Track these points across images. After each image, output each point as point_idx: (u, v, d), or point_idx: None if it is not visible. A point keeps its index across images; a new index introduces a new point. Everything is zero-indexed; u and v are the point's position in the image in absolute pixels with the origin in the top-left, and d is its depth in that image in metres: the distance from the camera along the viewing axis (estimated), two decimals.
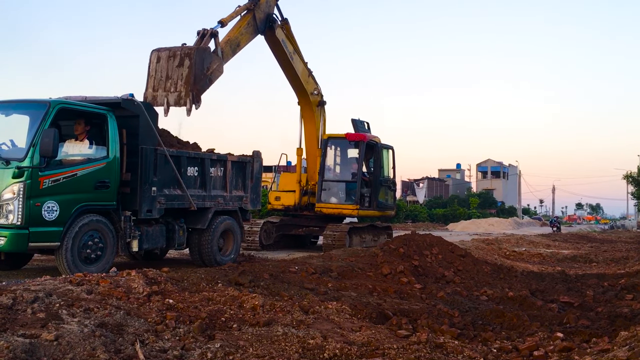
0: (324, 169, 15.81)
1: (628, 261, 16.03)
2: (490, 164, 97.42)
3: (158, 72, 9.48)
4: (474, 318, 7.02)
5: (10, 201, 7.80)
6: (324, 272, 9.20)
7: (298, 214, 16.11)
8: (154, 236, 9.75)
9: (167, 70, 9.59)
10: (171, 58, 9.58)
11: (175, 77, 9.63)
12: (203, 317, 5.52)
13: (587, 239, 29.05)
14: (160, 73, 9.48)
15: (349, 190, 15.81)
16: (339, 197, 15.86)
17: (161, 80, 9.53)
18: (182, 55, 9.69)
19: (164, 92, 9.56)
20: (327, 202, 15.73)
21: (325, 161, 15.85)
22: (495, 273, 11.16)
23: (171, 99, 9.63)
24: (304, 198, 15.99)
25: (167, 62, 9.58)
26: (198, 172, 10.54)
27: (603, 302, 8.44)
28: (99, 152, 8.91)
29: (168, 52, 9.59)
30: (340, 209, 15.74)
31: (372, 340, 5.31)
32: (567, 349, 5.20)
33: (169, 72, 9.59)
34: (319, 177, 15.67)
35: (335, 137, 16.12)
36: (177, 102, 9.73)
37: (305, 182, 16.16)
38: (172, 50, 9.65)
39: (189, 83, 9.79)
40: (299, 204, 15.95)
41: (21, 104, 8.92)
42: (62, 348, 4.24)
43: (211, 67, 10.45)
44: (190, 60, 9.79)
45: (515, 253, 17.97)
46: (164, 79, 9.55)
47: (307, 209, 15.99)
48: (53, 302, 5.14)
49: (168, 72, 9.59)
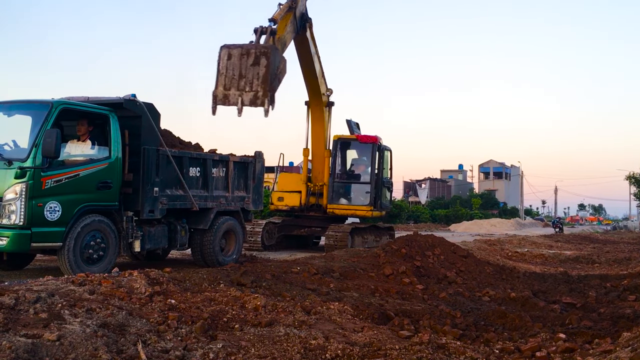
0: (335, 170, 15.87)
1: (631, 262, 15.99)
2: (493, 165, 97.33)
3: (230, 70, 8.92)
4: (476, 319, 7.01)
5: (12, 201, 7.81)
6: (326, 272, 9.19)
7: (304, 214, 16.08)
8: (156, 236, 9.75)
9: (240, 68, 9.07)
10: (244, 56, 8.98)
11: (251, 76, 9.07)
12: (205, 317, 5.52)
13: (590, 239, 29.01)
14: (232, 71, 8.95)
15: (362, 192, 15.96)
16: (353, 199, 16.03)
17: (233, 79, 8.99)
18: (258, 53, 9.11)
19: (238, 92, 9.04)
20: (340, 203, 15.87)
21: (336, 162, 15.89)
22: (497, 274, 11.15)
23: (246, 99, 9.12)
24: (310, 199, 15.98)
25: (240, 59, 8.97)
26: (200, 172, 10.54)
27: (605, 303, 8.43)
28: (101, 152, 8.91)
29: (240, 49, 8.99)
30: (354, 210, 15.94)
31: (374, 340, 5.31)
32: (570, 349, 5.19)
33: (243, 70, 9.04)
34: (330, 178, 15.73)
35: (345, 138, 16.19)
36: (252, 102, 9.24)
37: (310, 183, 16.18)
38: (245, 47, 9.04)
39: (267, 83, 9.33)
40: (307, 204, 15.94)
41: (23, 105, 8.93)
42: (64, 348, 4.24)
43: (280, 67, 10.14)
44: (267, 59, 9.27)
45: (517, 254, 17.94)
46: (237, 77, 9.01)
47: (312, 210, 15.99)
48: (55, 303, 5.14)
49: (241, 71, 9.05)
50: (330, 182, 15.75)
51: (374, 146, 15.91)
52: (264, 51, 9.28)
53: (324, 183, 15.81)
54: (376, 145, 15.92)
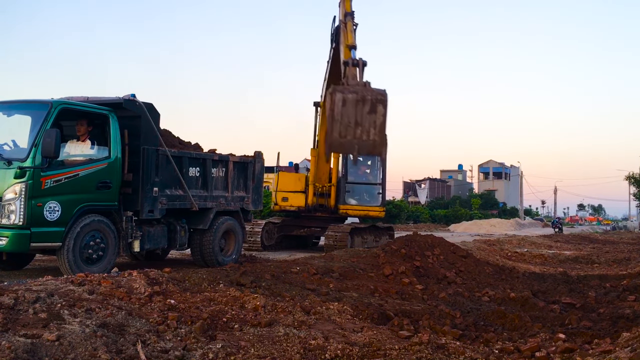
0: (347, 171, 15.93)
1: (630, 262, 15.99)
2: (492, 165, 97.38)
3: (345, 117, 8.84)
4: (476, 319, 7.01)
5: (12, 201, 7.81)
6: (325, 272, 9.19)
7: (311, 215, 16.07)
8: (156, 236, 9.75)
9: (355, 116, 9.02)
10: (360, 103, 8.93)
11: (367, 124, 9.02)
12: (205, 317, 5.52)
13: (589, 240, 29.01)
14: (347, 118, 8.89)
15: (374, 193, 16.20)
16: (364, 199, 16.20)
17: (349, 127, 8.89)
18: (374, 101, 9.02)
19: (355, 140, 8.99)
20: (351, 204, 15.95)
21: (346, 163, 15.93)
22: (497, 274, 11.15)
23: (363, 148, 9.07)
24: (315, 199, 15.98)
25: (356, 107, 8.82)
26: (200, 172, 10.54)
27: (605, 303, 8.43)
28: (101, 152, 8.91)
29: (356, 95, 8.83)
30: (366, 211, 16.12)
31: (373, 341, 5.30)
32: (569, 350, 5.19)
33: (359, 118, 8.96)
34: (341, 179, 15.80)
35: None
36: (370, 151, 9.19)
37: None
38: (360, 93, 8.90)
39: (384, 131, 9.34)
40: (316, 204, 15.93)
41: (23, 105, 8.93)
42: (64, 348, 4.24)
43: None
44: (384, 107, 9.27)
45: (517, 254, 17.94)
46: (353, 125, 8.96)
47: (319, 210, 15.99)
48: (55, 303, 5.14)
49: (357, 118, 8.99)
50: (342, 182, 15.80)
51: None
52: (380, 99, 9.11)
53: (332, 184, 15.81)
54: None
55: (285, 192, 16.15)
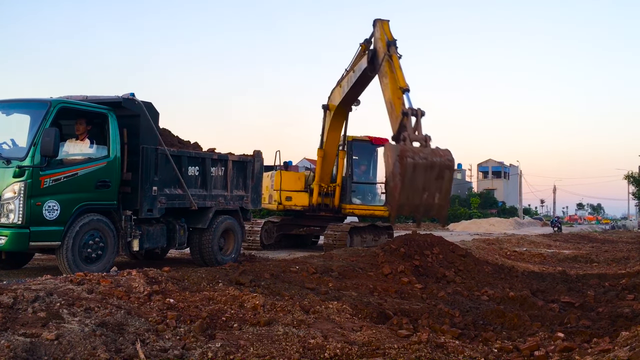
0: (352, 171, 16.03)
1: (629, 261, 16.00)
2: (491, 164, 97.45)
3: (414, 183, 8.90)
4: (475, 318, 7.02)
5: (11, 200, 7.80)
6: (324, 271, 9.19)
7: (316, 214, 16.09)
8: (155, 236, 9.75)
9: (424, 181, 8.99)
10: (429, 169, 8.98)
11: (434, 189, 9.06)
12: (204, 316, 5.52)
13: (588, 239, 29.01)
14: (416, 184, 8.95)
15: (378, 192, 16.50)
16: (369, 199, 16.47)
17: (416, 192, 8.96)
18: (442, 167, 9.14)
19: (422, 204, 9.01)
20: (356, 203, 16.09)
21: (351, 163, 16.03)
22: (496, 273, 11.15)
23: (429, 211, 9.15)
24: (320, 199, 15.99)
25: (425, 173, 8.98)
26: (199, 171, 10.54)
27: (604, 302, 8.44)
28: (100, 151, 8.91)
29: (425, 162, 8.93)
30: (372, 210, 16.32)
31: (372, 340, 5.31)
32: (568, 349, 5.19)
33: (427, 183, 9.03)
34: (347, 179, 15.89)
35: (358, 139, 16.33)
36: (434, 214, 9.29)
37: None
38: (429, 159, 8.97)
39: (448, 196, 9.45)
40: (322, 204, 15.95)
41: (22, 104, 8.92)
42: (63, 347, 4.24)
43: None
44: (451, 173, 9.40)
45: (516, 253, 17.95)
46: (420, 190, 8.99)
47: (322, 210, 16.02)
48: (54, 302, 5.14)
49: (425, 184, 9.02)
50: (348, 182, 15.89)
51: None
52: (448, 165, 9.32)
53: (337, 184, 15.85)
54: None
55: (289, 192, 16.11)
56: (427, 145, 9.45)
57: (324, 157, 15.68)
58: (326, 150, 15.56)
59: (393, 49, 11.33)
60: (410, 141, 9.41)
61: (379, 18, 11.91)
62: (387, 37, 11.53)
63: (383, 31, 11.67)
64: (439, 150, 9.43)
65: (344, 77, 13.96)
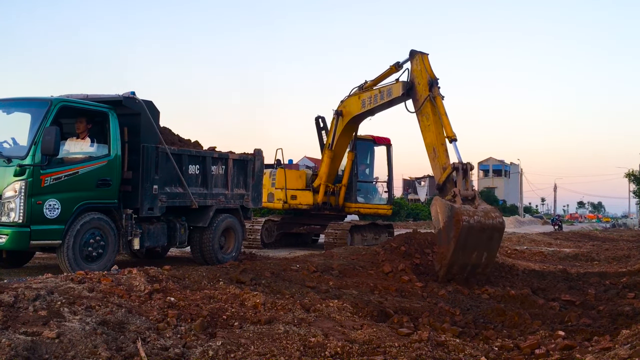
0: (357, 170, 16.17)
1: (630, 259, 15.98)
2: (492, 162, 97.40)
3: (466, 244, 9.12)
4: (476, 316, 7.02)
5: (11, 199, 7.81)
6: (325, 270, 9.19)
7: (319, 213, 16.11)
8: (156, 234, 9.75)
9: (476, 243, 9.21)
10: (481, 231, 9.21)
11: (483, 249, 9.33)
12: (204, 315, 5.52)
13: (589, 237, 28.98)
14: (468, 245, 9.13)
15: (382, 191, 16.95)
16: (373, 198, 16.79)
17: (467, 252, 9.20)
18: (494, 229, 9.38)
19: (470, 263, 9.31)
20: (360, 202, 16.28)
21: (357, 162, 16.16)
22: (496, 271, 11.14)
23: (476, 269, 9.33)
24: (325, 198, 16.00)
25: (478, 236, 9.22)
26: (199, 170, 10.54)
27: (605, 300, 8.44)
28: (101, 150, 8.91)
29: (480, 225, 9.17)
30: (375, 209, 16.68)
31: (373, 338, 5.31)
32: (569, 347, 5.20)
33: (478, 244, 9.25)
34: (353, 178, 16.03)
35: (362, 139, 16.38)
36: (480, 274, 9.45)
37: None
38: (483, 224, 9.21)
39: (494, 256, 9.70)
40: (327, 203, 15.97)
41: (23, 102, 8.92)
42: (64, 346, 4.24)
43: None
44: (500, 235, 9.61)
45: (516, 251, 17.93)
46: (471, 250, 9.23)
47: (326, 209, 16.04)
48: (55, 300, 5.14)
49: (477, 245, 9.24)
50: (354, 182, 16.04)
51: (389, 147, 16.86)
52: (499, 227, 9.50)
53: (343, 184, 15.89)
54: (390, 146, 16.84)
55: (295, 191, 16.08)
56: (476, 203, 9.63)
57: (333, 158, 15.63)
58: (336, 151, 15.53)
59: (436, 90, 10.93)
60: (460, 198, 9.57)
61: (416, 50, 11.50)
62: (428, 74, 11.11)
63: (424, 66, 11.21)
64: (490, 210, 9.61)
65: (363, 90, 13.68)
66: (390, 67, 12.53)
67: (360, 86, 13.91)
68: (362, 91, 13.73)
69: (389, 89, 12.45)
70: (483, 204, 9.70)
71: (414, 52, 11.57)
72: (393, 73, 12.51)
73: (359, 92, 13.91)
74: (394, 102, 12.50)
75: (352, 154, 16.00)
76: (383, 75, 12.95)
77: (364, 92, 13.62)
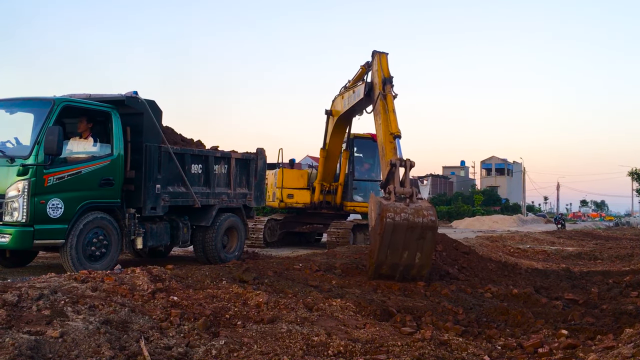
0: (354, 169, 16.09)
1: (633, 258, 15.97)
2: (495, 161, 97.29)
3: (393, 243, 8.76)
4: (479, 315, 7.01)
5: (15, 199, 7.83)
6: (328, 269, 9.20)
7: (317, 212, 16.11)
8: (158, 233, 9.77)
9: (404, 241, 8.85)
10: (410, 229, 8.78)
11: (414, 248, 8.91)
12: (207, 314, 5.53)
13: (592, 236, 28.95)
14: (396, 243, 8.77)
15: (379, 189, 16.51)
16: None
17: (396, 251, 8.84)
18: (424, 228, 8.87)
19: (401, 263, 8.94)
20: (358, 200, 16.12)
21: (353, 161, 16.08)
22: (499, 270, 11.15)
23: (410, 271, 9.11)
24: (322, 196, 16.02)
25: (405, 234, 8.81)
26: (202, 169, 10.55)
27: (608, 299, 8.42)
28: (103, 149, 8.93)
29: (407, 222, 8.74)
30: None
31: (376, 337, 5.31)
32: (572, 346, 5.19)
33: (407, 243, 8.88)
34: (349, 177, 15.94)
35: (360, 137, 16.36)
36: (414, 275, 9.18)
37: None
38: (411, 221, 8.77)
39: (430, 257, 9.29)
40: (324, 201, 15.97)
41: (25, 102, 8.94)
42: (67, 345, 4.25)
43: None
44: (433, 234, 9.11)
45: (519, 250, 17.93)
46: (400, 249, 8.86)
47: (324, 207, 16.06)
48: (58, 299, 5.15)
49: (406, 244, 8.87)
50: (350, 180, 15.96)
51: None
52: (430, 225, 8.97)
53: (340, 183, 15.89)
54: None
55: (291, 189, 16.14)
56: (413, 200, 9.18)
57: (327, 157, 15.67)
58: (329, 151, 15.56)
59: (389, 87, 10.73)
60: (395, 194, 9.19)
61: (377, 50, 11.36)
62: (383, 73, 10.89)
63: (380, 66, 11.03)
64: (423, 208, 9.12)
65: (347, 89, 13.63)
66: (361, 67, 12.39)
67: (345, 85, 13.93)
68: (345, 90, 13.74)
69: (358, 89, 12.30)
70: (420, 203, 9.28)
71: (374, 53, 11.36)
72: (364, 74, 12.29)
73: (344, 91, 13.96)
74: (360, 104, 12.27)
75: (347, 152, 15.98)
76: (358, 76, 12.82)
77: (346, 91, 13.62)
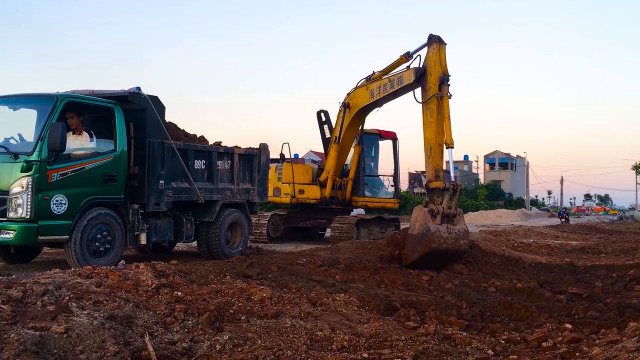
0: (364, 164, 16.18)
1: (637, 252, 15.93)
2: (498, 155, 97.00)
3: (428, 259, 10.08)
4: (482, 309, 7.01)
5: (19, 195, 7.84)
6: (331, 264, 9.20)
7: (327, 207, 16.12)
8: (162, 229, 9.78)
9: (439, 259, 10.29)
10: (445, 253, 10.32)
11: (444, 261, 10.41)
12: (211, 309, 5.55)
13: (596, 230, 28.88)
14: (430, 260, 10.12)
15: (388, 185, 17.07)
16: (380, 192, 16.90)
17: (429, 262, 10.08)
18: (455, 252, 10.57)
19: (432, 265, 10.09)
20: (369, 196, 16.36)
21: (364, 156, 16.14)
22: (503, 264, 11.14)
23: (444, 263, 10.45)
24: (333, 192, 16.00)
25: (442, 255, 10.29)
26: (205, 165, 10.55)
27: (612, 293, 8.41)
28: (107, 145, 8.93)
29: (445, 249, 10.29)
30: (383, 203, 16.85)
31: (380, 332, 5.32)
32: (576, 340, 5.19)
33: (441, 260, 10.33)
34: (360, 172, 16.05)
35: (368, 133, 16.37)
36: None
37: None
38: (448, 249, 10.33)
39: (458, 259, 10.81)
40: (335, 197, 15.99)
41: (29, 98, 8.94)
42: (72, 340, 4.27)
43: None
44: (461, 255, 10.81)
45: (523, 244, 17.90)
46: (433, 262, 10.14)
47: (333, 203, 16.07)
48: (63, 295, 5.17)
49: (440, 260, 10.32)
50: (361, 176, 16.04)
51: (395, 141, 16.85)
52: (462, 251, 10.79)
53: (350, 178, 15.91)
54: (397, 140, 16.84)
55: (302, 185, 16.06)
56: (454, 223, 10.52)
57: (340, 151, 15.55)
58: (343, 145, 15.45)
59: (446, 88, 10.89)
60: (441, 216, 10.29)
61: (435, 35, 11.28)
62: (442, 69, 11.00)
63: (439, 58, 11.07)
64: (461, 237, 10.51)
65: (372, 81, 13.56)
66: (400, 57, 12.40)
67: (368, 77, 13.80)
68: (371, 82, 13.64)
69: (400, 76, 12.35)
70: (460, 225, 10.59)
71: (432, 38, 11.31)
72: (403, 63, 12.38)
73: (366, 83, 13.83)
74: (405, 89, 12.38)
75: (359, 147, 15.95)
76: (393, 65, 12.80)
77: (373, 82, 13.52)
